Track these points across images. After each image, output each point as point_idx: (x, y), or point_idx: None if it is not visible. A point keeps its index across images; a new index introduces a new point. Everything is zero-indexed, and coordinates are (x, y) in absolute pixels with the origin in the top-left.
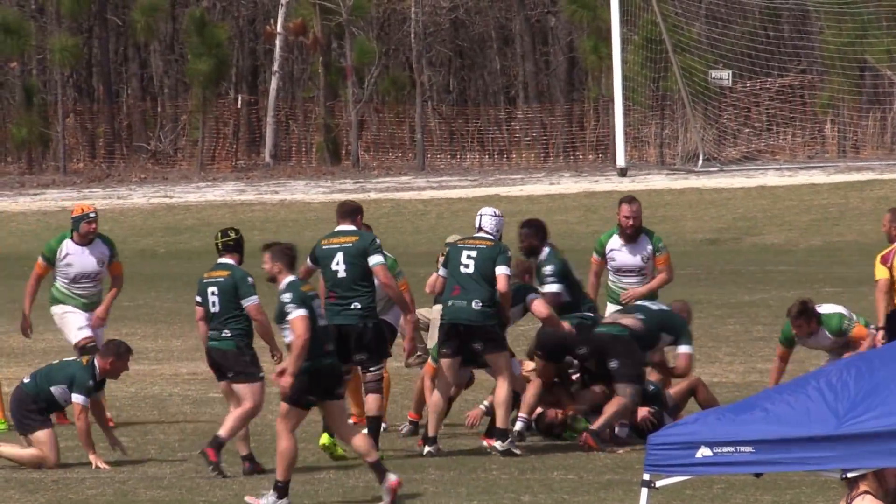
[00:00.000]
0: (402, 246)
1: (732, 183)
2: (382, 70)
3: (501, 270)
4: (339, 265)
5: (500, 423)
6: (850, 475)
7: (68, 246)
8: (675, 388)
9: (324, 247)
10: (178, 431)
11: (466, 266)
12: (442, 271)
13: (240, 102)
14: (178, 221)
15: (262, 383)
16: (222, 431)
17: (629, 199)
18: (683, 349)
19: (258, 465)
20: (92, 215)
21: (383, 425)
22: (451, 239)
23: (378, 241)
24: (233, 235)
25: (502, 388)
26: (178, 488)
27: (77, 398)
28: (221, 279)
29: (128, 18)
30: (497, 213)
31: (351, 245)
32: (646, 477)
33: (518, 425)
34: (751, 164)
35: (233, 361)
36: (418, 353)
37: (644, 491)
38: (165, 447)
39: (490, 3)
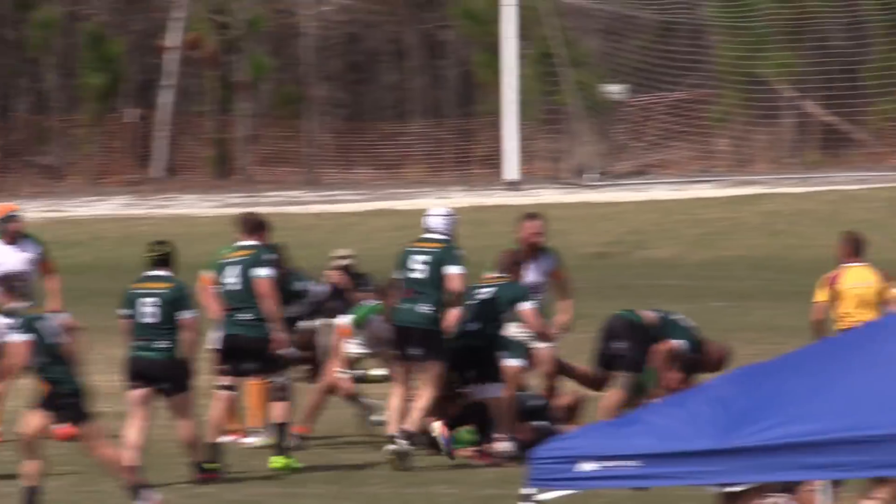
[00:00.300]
0: (291, 261)
1: (623, 197)
2: (275, 84)
3: (454, 270)
4: (232, 278)
5: (409, 425)
6: (734, 489)
7: None
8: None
9: (221, 261)
10: (61, 445)
11: (417, 271)
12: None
13: (131, 117)
14: (67, 236)
15: (192, 393)
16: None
17: (533, 215)
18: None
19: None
20: (12, 215)
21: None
22: (338, 253)
23: (266, 256)
24: (165, 249)
25: (424, 395)
26: (61, 503)
27: None
28: (164, 290)
29: (20, 33)
30: (446, 211)
31: (247, 258)
32: (528, 491)
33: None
34: (641, 178)
35: (168, 372)
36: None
37: None
38: (49, 461)
39: (383, 18)
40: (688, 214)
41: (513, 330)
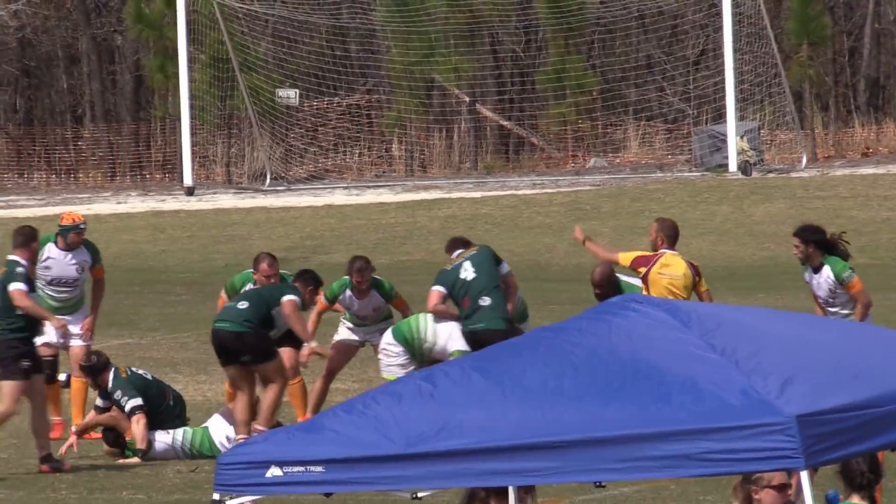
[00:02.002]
0: None
1: (300, 202)
2: None
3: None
4: None
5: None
6: (420, 495)
7: (50, 249)
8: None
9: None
10: None
11: None
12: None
13: None
14: None
15: None
16: None
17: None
18: None
19: None
20: (82, 226)
21: None
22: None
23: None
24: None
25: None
26: None
27: None
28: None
29: None
30: None
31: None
32: (215, 497)
33: None
34: (318, 183)
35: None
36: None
37: None
38: None
39: (57, 23)
40: (365, 219)
41: None
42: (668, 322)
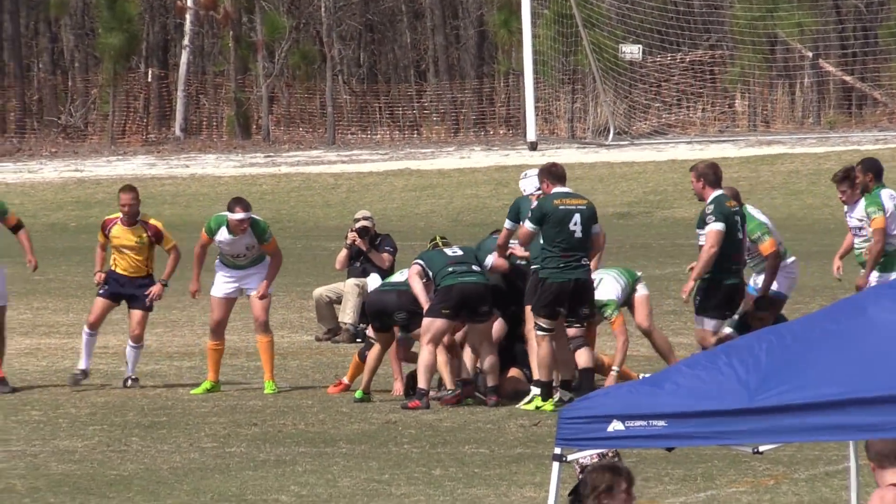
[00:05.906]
0: (312, 220)
1: (643, 157)
2: (293, 44)
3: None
4: None
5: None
6: (761, 449)
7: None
8: None
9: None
10: (88, 405)
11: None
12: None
13: (150, 76)
14: (88, 195)
15: None
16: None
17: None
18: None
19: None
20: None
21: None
22: (359, 214)
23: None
24: None
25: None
26: (90, 461)
27: None
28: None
29: None
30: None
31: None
32: (557, 451)
33: None
34: (661, 138)
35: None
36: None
37: (555, 465)
38: (76, 421)
39: None
40: None
41: None
42: None
